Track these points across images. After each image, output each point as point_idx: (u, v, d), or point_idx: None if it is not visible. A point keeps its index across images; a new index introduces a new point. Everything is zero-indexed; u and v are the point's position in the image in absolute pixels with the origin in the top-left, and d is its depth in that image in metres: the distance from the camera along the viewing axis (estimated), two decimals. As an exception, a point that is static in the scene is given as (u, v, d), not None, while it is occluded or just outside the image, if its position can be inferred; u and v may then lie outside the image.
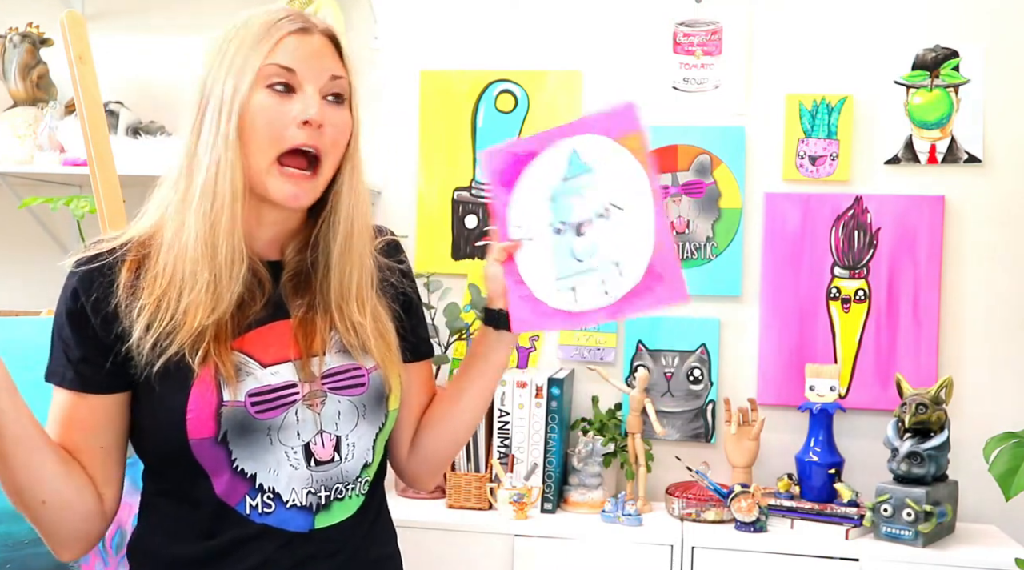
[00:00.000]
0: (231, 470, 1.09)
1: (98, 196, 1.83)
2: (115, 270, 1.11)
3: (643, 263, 1.23)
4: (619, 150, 1.25)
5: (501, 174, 1.30)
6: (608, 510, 2.29)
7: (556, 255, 1.27)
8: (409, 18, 2.72)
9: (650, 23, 2.61)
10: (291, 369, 1.12)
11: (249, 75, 1.08)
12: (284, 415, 1.10)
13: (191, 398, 1.07)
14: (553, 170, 1.28)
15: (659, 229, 1.23)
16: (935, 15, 2.50)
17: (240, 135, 1.08)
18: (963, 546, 2.17)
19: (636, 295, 1.23)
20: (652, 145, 2.56)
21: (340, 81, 1.14)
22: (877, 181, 2.52)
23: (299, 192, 1.11)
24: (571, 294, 1.25)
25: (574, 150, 1.27)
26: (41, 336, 1.62)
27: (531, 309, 1.27)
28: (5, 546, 1.50)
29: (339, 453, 1.14)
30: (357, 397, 1.16)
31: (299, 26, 1.11)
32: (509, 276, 1.28)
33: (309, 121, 1.09)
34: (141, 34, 2.81)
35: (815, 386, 2.40)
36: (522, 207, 1.29)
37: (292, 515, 1.12)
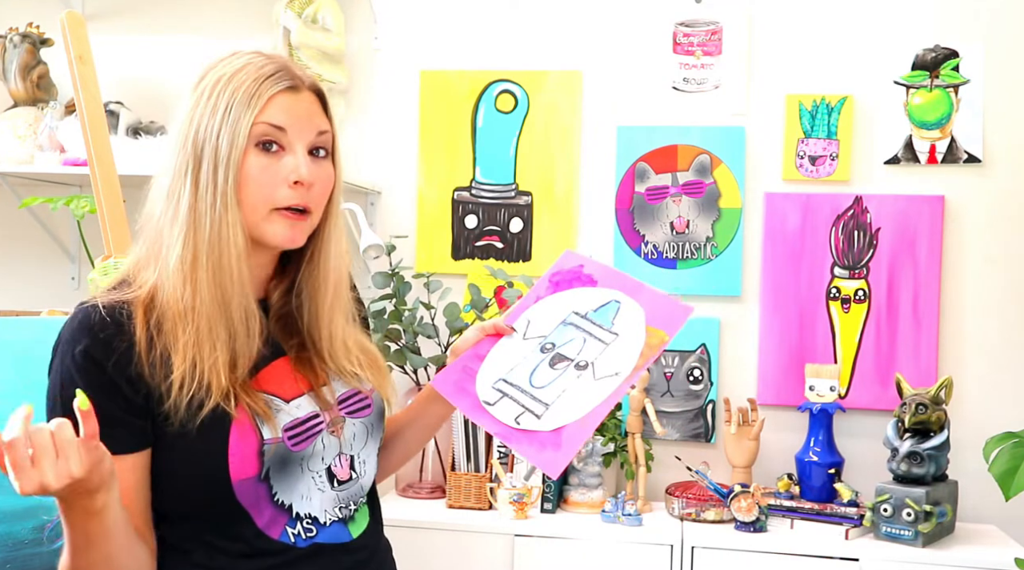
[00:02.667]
0: (272, 504, 1.13)
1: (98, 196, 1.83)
2: (129, 331, 1.10)
3: (560, 423, 1.23)
4: (641, 335, 1.29)
5: (561, 277, 1.38)
6: (608, 510, 2.29)
7: (520, 363, 1.31)
8: (409, 18, 2.72)
9: (650, 23, 2.62)
10: (309, 400, 1.18)
11: (243, 133, 1.10)
12: (313, 444, 1.16)
13: (232, 441, 1.09)
14: (589, 302, 1.34)
15: (598, 412, 1.23)
16: (935, 15, 2.50)
17: (238, 195, 1.11)
18: (963, 546, 2.17)
19: (530, 441, 1.23)
20: (653, 145, 2.58)
21: (324, 136, 1.17)
22: (877, 181, 2.52)
23: (295, 235, 1.15)
24: (495, 396, 1.28)
25: (618, 304, 1.33)
26: (41, 336, 1.62)
27: (457, 381, 1.32)
28: (5, 546, 1.50)
29: (355, 471, 1.21)
30: (367, 418, 1.24)
31: (288, 84, 1.13)
32: (479, 346, 1.34)
33: (301, 182, 1.12)
34: (141, 34, 2.81)
35: (815, 386, 2.40)
36: (543, 312, 1.36)
37: (335, 530, 1.19)
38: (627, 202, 2.61)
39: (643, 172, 2.60)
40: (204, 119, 1.11)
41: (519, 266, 2.66)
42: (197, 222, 1.10)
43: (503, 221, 2.68)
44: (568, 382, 1.26)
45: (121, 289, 1.14)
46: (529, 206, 2.66)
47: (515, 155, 2.67)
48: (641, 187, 2.60)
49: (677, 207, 2.59)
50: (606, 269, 1.38)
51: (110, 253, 1.83)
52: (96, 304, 1.11)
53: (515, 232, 2.68)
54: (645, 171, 2.60)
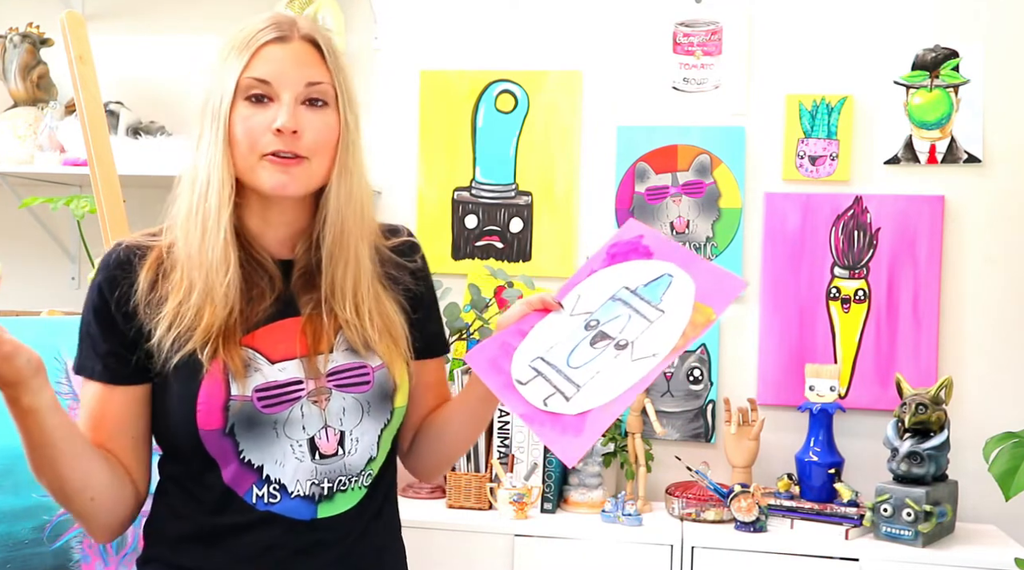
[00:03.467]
0: (238, 461, 1.14)
1: (98, 196, 1.83)
2: (136, 271, 1.17)
3: (586, 407, 1.17)
4: (686, 312, 1.22)
5: (619, 249, 1.32)
6: (608, 510, 2.29)
7: (562, 341, 1.25)
8: (409, 18, 2.72)
9: (650, 23, 2.62)
10: (298, 366, 1.17)
11: (230, 87, 1.14)
12: (290, 410, 1.15)
13: (201, 392, 1.12)
14: (641, 276, 1.28)
15: (626, 396, 1.17)
16: (935, 15, 2.50)
17: (228, 145, 1.14)
18: (963, 546, 2.17)
19: (552, 424, 1.17)
20: (653, 145, 2.58)
21: (319, 86, 1.17)
22: (877, 181, 2.52)
23: (287, 180, 1.15)
24: (529, 375, 1.23)
25: (670, 278, 1.26)
26: (41, 336, 1.62)
27: (493, 357, 1.26)
28: (5, 546, 1.50)
29: (343, 447, 1.18)
30: (362, 394, 1.20)
31: (276, 35, 1.16)
32: (523, 321, 1.29)
33: (280, 129, 1.13)
34: (141, 34, 2.81)
35: (815, 386, 2.40)
36: (594, 286, 1.31)
37: (296, 504, 1.16)
38: (627, 202, 2.61)
39: (643, 172, 2.60)
40: (210, 81, 1.17)
41: (519, 266, 2.66)
42: (194, 175, 1.17)
43: (503, 221, 2.68)
44: (604, 362, 1.20)
45: (151, 236, 1.21)
46: (529, 206, 2.66)
47: (515, 155, 2.67)
48: (641, 187, 2.60)
49: (677, 207, 2.59)
50: (664, 241, 1.32)
51: (110, 253, 1.83)
52: (120, 244, 1.20)
53: (515, 232, 2.68)
54: (645, 171, 2.60)
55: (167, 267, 1.17)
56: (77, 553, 1.59)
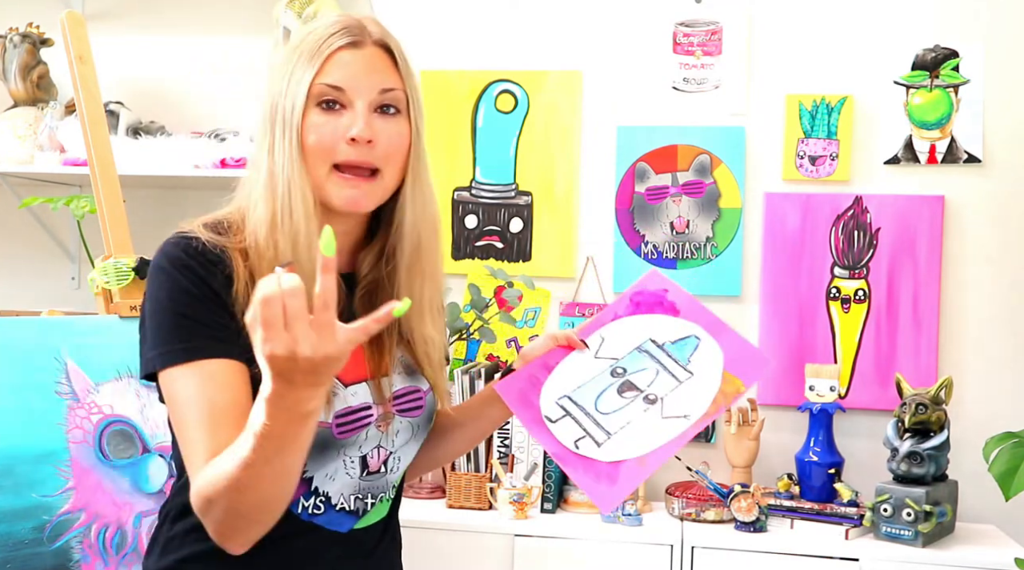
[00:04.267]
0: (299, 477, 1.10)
1: (98, 196, 1.83)
2: (228, 265, 1.09)
3: (620, 457, 1.18)
4: (716, 379, 1.23)
5: (643, 299, 1.33)
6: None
7: (588, 383, 1.26)
8: (409, 18, 2.72)
9: (650, 23, 2.62)
10: (367, 390, 1.15)
11: (302, 94, 1.10)
12: (357, 435, 1.14)
13: None
14: (668, 333, 1.28)
15: (660, 453, 1.18)
16: (935, 15, 2.50)
17: (302, 153, 1.10)
18: (963, 546, 2.17)
19: (586, 469, 1.18)
20: (653, 145, 2.58)
21: (392, 93, 1.14)
22: (877, 181, 2.52)
23: (358, 195, 1.11)
24: (558, 413, 1.24)
25: (697, 340, 1.27)
26: (41, 336, 1.62)
27: (522, 389, 1.27)
28: (5, 546, 1.50)
29: (386, 466, 1.19)
30: (416, 418, 1.21)
31: (349, 40, 1.12)
32: (548, 356, 1.29)
33: (356, 138, 1.10)
34: (141, 34, 2.81)
35: (815, 386, 2.40)
36: (619, 332, 1.31)
37: (339, 517, 1.16)
38: (627, 202, 2.61)
39: (643, 172, 2.60)
40: (278, 83, 1.13)
41: (519, 266, 2.66)
42: (272, 184, 1.11)
43: (503, 221, 2.68)
44: (634, 414, 1.21)
45: (216, 231, 1.12)
46: (529, 206, 2.67)
47: (515, 155, 2.67)
48: (641, 187, 2.60)
49: (677, 207, 2.59)
50: (691, 300, 1.33)
51: (110, 253, 1.83)
52: (197, 236, 1.10)
53: (515, 232, 2.68)
54: (645, 171, 2.60)
55: (250, 269, 1.10)
56: (77, 553, 1.59)
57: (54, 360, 1.61)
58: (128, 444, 1.66)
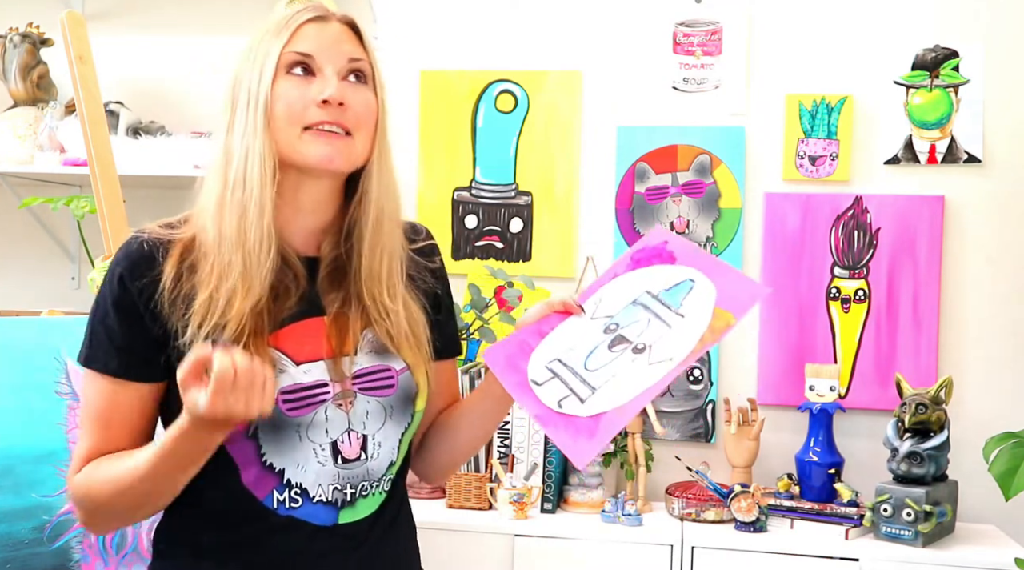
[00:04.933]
0: (260, 464, 1.11)
1: (98, 196, 1.83)
2: (160, 265, 1.12)
3: (602, 408, 1.16)
4: (706, 317, 1.20)
5: (643, 255, 1.32)
6: (608, 510, 2.29)
7: (580, 344, 1.24)
8: (409, 18, 2.72)
9: (650, 23, 2.62)
10: (323, 368, 1.14)
11: (271, 64, 1.12)
12: (314, 413, 1.13)
13: None
14: (663, 281, 1.27)
15: (641, 399, 1.16)
16: (935, 15, 2.50)
17: (268, 122, 1.11)
18: (963, 546, 2.17)
19: (566, 426, 1.16)
20: (653, 145, 2.58)
21: (360, 63, 1.17)
22: (877, 181, 2.52)
23: (332, 152, 1.12)
24: (545, 376, 1.22)
25: (692, 284, 1.25)
26: (41, 336, 1.62)
27: (510, 355, 1.26)
28: (5, 546, 1.50)
29: (365, 451, 1.17)
30: (386, 398, 1.18)
31: (315, 15, 1.15)
32: (543, 322, 1.28)
33: (328, 100, 1.11)
34: (141, 34, 2.81)
35: (815, 386, 2.40)
36: (616, 290, 1.30)
37: (317, 510, 1.14)
38: (627, 202, 2.61)
39: (643, 172, 2.60)
40: (242, 65, 1.15)
41: (519, 266, 2.66)
42: (228, 157, 1.13)
43: (503, 221, 2.68)
44: (621, 366, 1.19)
45: (170, 227, 1.17)
46: (529, 206, 2.66)
47: (515, 155, 2.67)
48: (641, 187, 2.60)
49: (677, 207, 2.59)
50: (688, 246, 1.31)
51: (110, 253, 1.83)
52: (141, 236, 1.15)
53: (515, 232, 2.68)
54: (645, 171, 2.60)
55: (192, 261, 1.13)
56: (77, 553, 1.59)
57: (54, 360, 1.61)
58: (128, 444, 1.67)
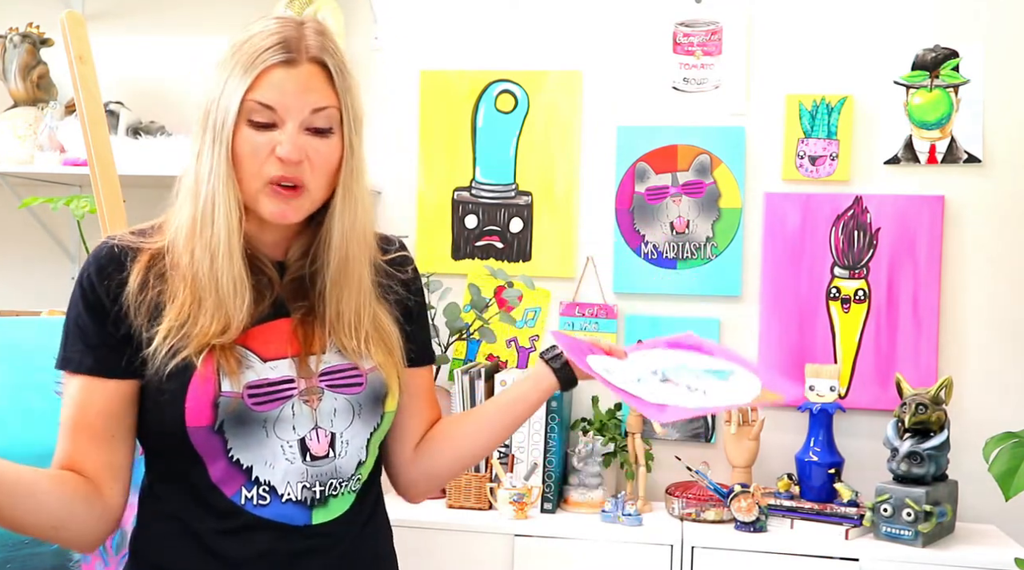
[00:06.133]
0: (227, 459, 1.12)
1: (98, 196, 1.83)
2: (127, 270, 1.15)
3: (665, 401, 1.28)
4: (757, 388, 1.33)
5: (678, 343, 1.44)
6: (608, 510, 2.29)
7: (627, 371, 1.34)
8: (409, 18, 2.72)
9: (650, 23, 2.62)
10: (290, 365, 1.16)
11: (234, 109, 1.11)
12: (280, 409, 1.14)
13: (190, 387, 1.11)
14: (705, 363, 1.39)
15: (702, 410, 1.30)
16: (935, 15, 2.50)
17: (232, 165, 1.12)
18: (963, 546, 2.17)
19: (634, 399, 1.28)
20: (653, 145, 2.58)
21: (325, 112, 1.14)
22: (877, 181, 2.52)
23: (287, 209, 1.13)
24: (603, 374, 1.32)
25: (732, 371, 1.37)
26: (41, 336, 1.62)
27: (570, 346, 1.36)
28: (5, 546, 1.50)
29: (333, 449, 1.17)
30: (354, 396, 1.19)
31: (284, 58, 1.11)
32: (590, 346, 1.38)
33: (283, 159, 1.11)
34: (141, 34, 2.81)
35: (815, 386, 2.40)
36: (655, 357, 1.40)
37: (289, 510, 1.15)
38: (627, 202, 2.61)
39: (643, 172, 2.60)
40: (213, 89, 1.14)
41: (519, 266, 2.66)
42: (196, 192, 1.14)
43: (503, 221, 2.68)
44: (677, 392, 1.30)
45: (140, 234, 1.19)
46: (529, 206, 2.66)
47: (515, 155, 2.67)
48: (641, 187, 2.60)
49: (677, 207, 2.59)
50: (725, 348, 1.45)
51: (110, 253, 1.82)
52: (111, 240, 1.18)
53: (515, 232, 2.68)
54: (645, 171, 2.60)
55: (160, 269, 1.15)
56: (77, 553, 1.59)
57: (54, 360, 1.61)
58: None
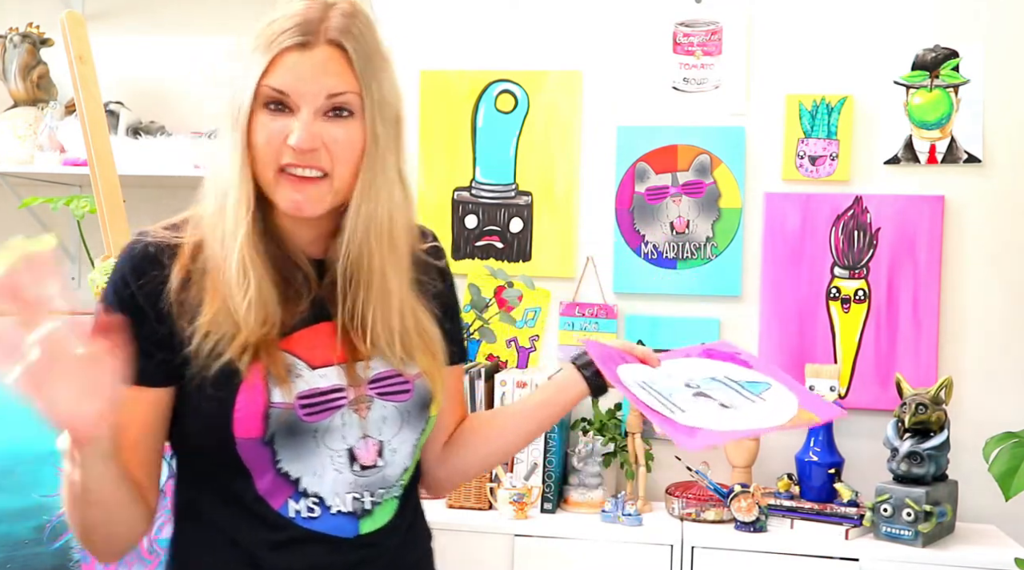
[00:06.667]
0: (274, 471, 1.08)
1: (98, 196, 1.83)
2: (167, 268, 1.09)
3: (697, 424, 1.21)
4: (793, 408, 1.27)
5: (715, 352, 1.38)
6: (608, 510, 2.29)
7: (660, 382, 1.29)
8: (409, 18, 2.72)
9: (650, 23, 2.62)
10: (338, 373, 1.11)
11: (249, 94, 1.06)
12: (331, 419, 1.09)
13: (239, 398, 1.05)
14: (740, 375, 1.33)
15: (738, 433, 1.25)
16: (935, 15, 2.50)
17: (248, 153, 1.07)
18: (963, 546, 2.17)
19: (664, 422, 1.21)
20: (653, 145, 2.57)
21: (342, 97, 1.07)
22: (877, 181, 2.52)
23: (302, 200, 1.07)
24: (636, 387, 1.26)
25: (769, 385, 1.31)
26: (41, 336, 1.62)
27: (602, 356, 1.29)
28: (5, 546, 1.50)
29: (382, 458, 1.13)
30: (402, 404, 1.15)
31: (300, 40, 1.06)
32: (622, 354, 1.31)
33: (294, 147, 1.05)
34: (141, 34, 2.81)
35: (815, 386, 2.40)
36: (690, 366, 1.34)
37: (339, 521, 1.11)
38: (627, 202, 2.61)
39: (643, 172, 2.60)
40: (233, 74, 1.10)
41: (519, 266, 2.66)
42: (217, 177, 1.10)
43: (503, 221, 2.68)
44: (709, 409, 1.23)
45: (175, 229, 1.13)
46: (529, 206, 2.66)
47: (515, 155, 2.67)
48: (641, 187, 2.60)
49: (677, 207, 2.59)
50: (763, 361, 1.38)
51: (110, 253, 1.83)
52: (146, 237, 1.11)
53: (515, 232, 2.68)
54: (645, 171, 2.60)
55: (199, 266, 1.09)
56: (77, 553, 1.59)
57: (54, 360, 1.61)
58: (128, 444, 1.67)
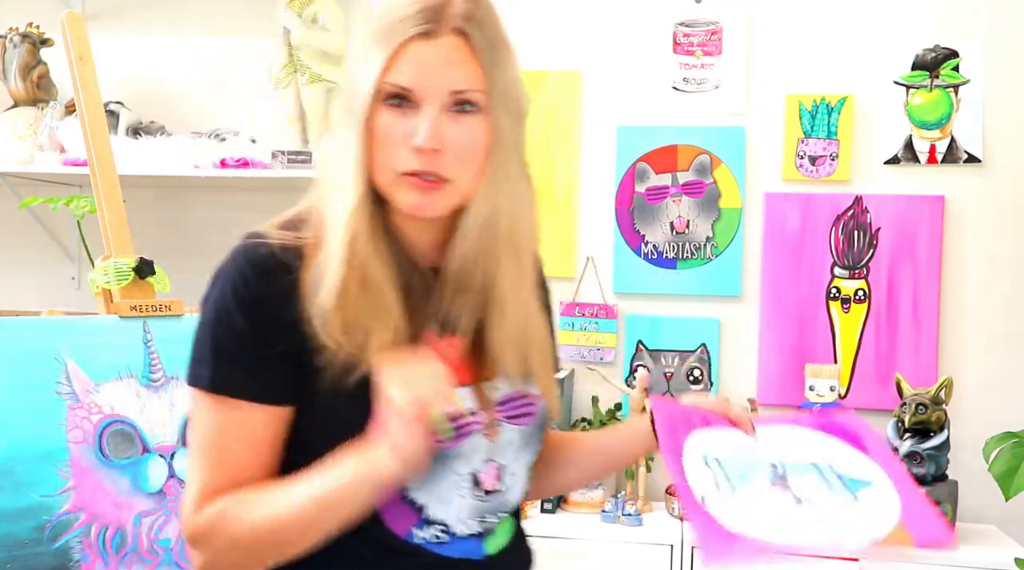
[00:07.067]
0: (401, 498, 1.01)
1: (98, 196, 1.83)
2: (298, 274, 0.99)
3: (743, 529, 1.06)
4: (889, 524, 1.14)
5: (833, 426, 1.26)
6: (608, 510, 2.29)
7: (738, 458, 1.18)
8: (409, 18, 2.72)
9: (650, 23, 2.62)
10: (469, 395, 1.05)
11: (367, 90, 0.98)
12: (462, 444, 1.03)
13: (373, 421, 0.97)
14: (845, 462, 1.20)
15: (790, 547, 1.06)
16: (935, 15, 2.50)
17: (364, 151, 0.99)
18: (963, 546, 2.17)
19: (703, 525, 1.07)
20: (653, 145, 2.57)
21: (467, 94, 0.99)
22: (877, 181, 2.52)
23: (424, 202, 0.98)
24: (698, 461, 1.15)
25: (873, 483, 1.17)
26: (41, 336, 1.62)
27: (672, 417, 1.19)
28: (5, 546, 1.50)
29: (502, 482, 1.08)
30: (527, 426, 1.09)
31: (423, 29, 0.97)
32: (712, 416, 1.23)
33: (419, 149, 0.97)
34: (141, 34, 2.81)
35: (815, 386, 2.40)
36: (794, 437, 1.24)
37: (468, 544, 1.06)
38: (627, 202, 2.61)
39: (643, 172, 2.60)
40: (352, 60, 1.02)
41: (519, 266, 2.66)
42: (330, 173, 1.02)
43: (503, 221, 2.67)
44: (778, 505, 1.10)
45: (293, 229, 1.02)
46: (529, 206, 2.66)
47: (515, 155, 2.67)
48: (641, 187, 2.60)
49: (677, 207, 2.59)
50: (882, 444, 1.23)
51: (110, 253, 1.83)
52: (265, 240, 1.00)
53: (515, 232, 2.67)
54: (645, 171, 2.60)
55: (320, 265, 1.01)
56: (77, 553, 1.58)
57: (54, 360, 1.61)
58: (128, 444, 1.66)
